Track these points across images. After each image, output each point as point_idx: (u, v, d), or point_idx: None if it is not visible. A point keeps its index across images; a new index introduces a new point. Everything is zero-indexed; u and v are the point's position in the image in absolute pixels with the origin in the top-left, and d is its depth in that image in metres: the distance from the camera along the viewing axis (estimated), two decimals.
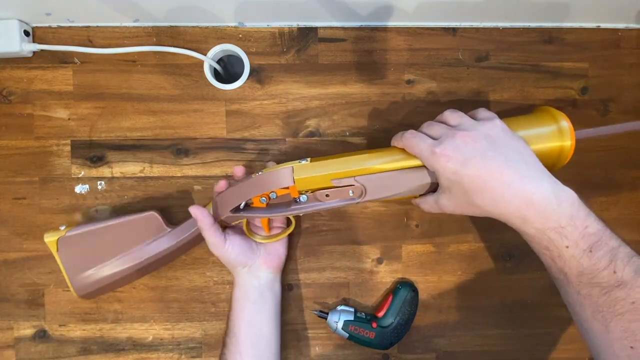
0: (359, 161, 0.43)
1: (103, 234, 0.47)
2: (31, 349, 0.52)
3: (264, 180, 0.43)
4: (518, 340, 0.55)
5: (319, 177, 0.43)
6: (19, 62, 0.51)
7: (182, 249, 0.49)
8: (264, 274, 0.49)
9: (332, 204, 0.44)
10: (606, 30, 0.54)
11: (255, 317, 0.48)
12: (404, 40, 0.53)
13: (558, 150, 0.42)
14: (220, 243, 0.46)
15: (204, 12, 0.49)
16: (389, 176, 0.42)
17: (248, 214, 0.45)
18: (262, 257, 0.49)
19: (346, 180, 0.42)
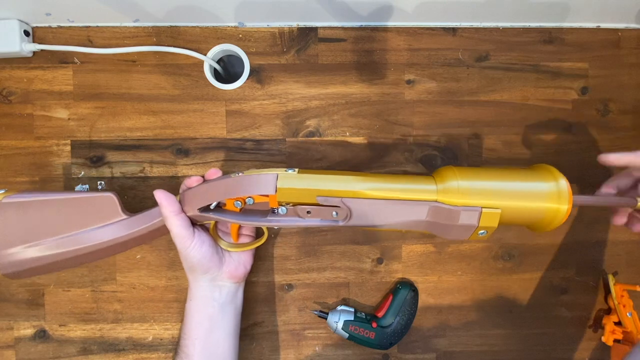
0: (351, 182, 0.39)
1: (46, 207, 0.41)
2: (31, 349, 0.52)
3: (244, 182, 0.40)
4: (518, 340, 0.55)
5: (304, 190, 0.39)
6: (19, 62, 0.51)
7: (136, 240, 0.43)
8: (226, 284, 0.45)
9: (312, 222, 0.40)
10: (606, 30, 0.54)
11: (213, 335, 0.43)
12: (404, 40, 0.53)
13: (553, 211, 0.39)
14: (186, 236, 0.41)
15: (204, 12, 0.49)
16: (382, 204, 0.39)
17: (218, 216, 0.41)
18: (226, 266, 0.45)
19: (332, 199, 0.39)
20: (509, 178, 0.40)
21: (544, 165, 0.42)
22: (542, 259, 0.55)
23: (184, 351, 0.43)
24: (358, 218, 0.39)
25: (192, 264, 0.43)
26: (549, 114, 0.54)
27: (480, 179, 0.39)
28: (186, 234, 0.41)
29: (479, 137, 0.54)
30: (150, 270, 0.52)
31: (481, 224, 0.38)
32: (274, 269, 0.53)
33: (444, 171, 0.41)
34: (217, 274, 0.44)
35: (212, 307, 0.44)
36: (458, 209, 0.38)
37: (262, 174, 0.39)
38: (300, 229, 0.52)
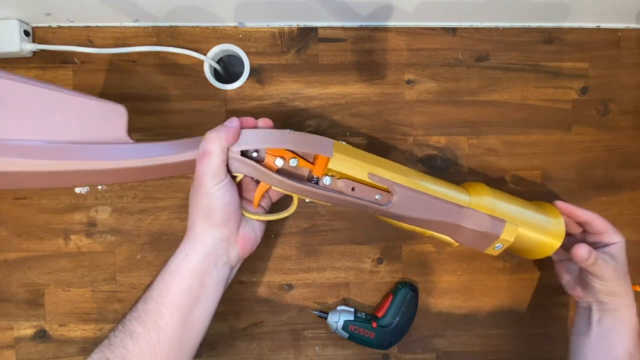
0: (402, 169, 0.41)
1: (35, 99, 0.33)
2: (31, 349, 0.52)
3: (302, 137, 0.37)
4: (518, 340, 0.55)
5: (359, 163, 0.38)
6: (19, 62, 0.51)
7: (136, 173, 0.36)
8: (234, 253, 0.39)
9: (353, 200, 0.39)
10: (606, 30, 0.54)
11: (197, 310, 0.36)
12: (404, 40, 0.53)
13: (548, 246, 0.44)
14: (222, 171, 0.36)
15: (204, 12, 0.49)
16: (425, 199, 0.40)
17: (259, 167, 0.37)
18: (243, 228, 0.39)
19: (384, 180, 0.39)
20: (526, 207, 0.45)
21: (547, 204, 0.47)
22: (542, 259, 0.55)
23: (152, 319, 0.35)
24: (399, 206, 0.39)
25: (216, 207, 0.36)
26: (549, 114, 0.54)
27: (506, 201, 0.44)
28: (223, 169, 0.36)
29: (479, 137, 0.54)
30: (150, 270, 0.52)
31: (502, 235, 0.42)
32: (274, 269, 0.53)
33: (477, 186, 0.44)
34: (233, 234, 0.38)
35: (210, 275, 0.37)
36: (488, 217, 0.41)
37: (321, 136, 0.38)
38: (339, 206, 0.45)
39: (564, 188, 0.54)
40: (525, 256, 0.48)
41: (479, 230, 0.41)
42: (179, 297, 0.36)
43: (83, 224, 0.51)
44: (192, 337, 0.37)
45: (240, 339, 0.53)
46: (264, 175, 0.38)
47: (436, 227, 0.43)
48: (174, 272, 0.37)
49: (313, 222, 0.53)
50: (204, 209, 0.37)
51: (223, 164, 0.36)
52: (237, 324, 0.53)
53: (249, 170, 0.38)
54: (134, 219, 0.52)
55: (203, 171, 0.36)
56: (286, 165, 0.38)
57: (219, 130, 0.36)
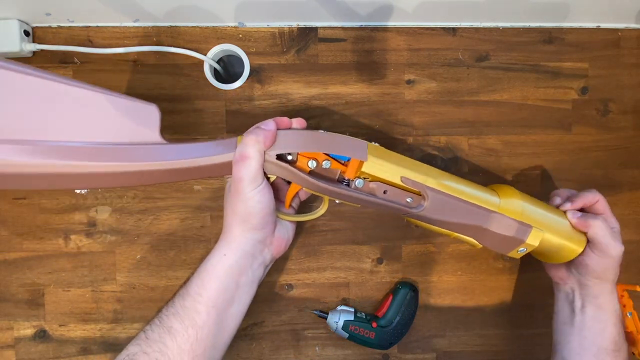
0: (434, 172, 0.40)
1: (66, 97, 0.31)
2: (31, 349, 0.52)
3: (337, 140, 0.37)
4: (518, 340, 0.55)
5: (392, 167, 0.38)
6: None
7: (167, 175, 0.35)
8: (269, 254, 0.40)
9: (384, 202, 0.39)
10: (606, 30, 0.54)
11: (231, 309, 0.37)
12: (404, 40, 0.53)
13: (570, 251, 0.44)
14: (259, 175, 0.36)
15: (204, 12, 0.49)
16: (456, 202, 0.40)
17: (293, 170, 0.37)
18: (278, 230, 0.41)
19: (417, 184, 0.38)
20: (551, 212, 0.44)
21: None
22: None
23: (189, 316, 0.35)
24: (430, 210, 0.39)
25: (254, 210, 0.36)
26: (549, 114, 0.54)
27: (535, 205, 0.44)
28: (261, 173, 0.36)
29: (479, 137, 0.54)
30: (150, 270, 0.52)
31: (528, 240, 0.42)
32: (274, 269, 0.53)
33: (506, 189, 0.44)
34: (269, 236, 0.39)
35: (246, 275, 0.38)
36: (516, 222, 0.41)
37: (355, 139, 0.38)
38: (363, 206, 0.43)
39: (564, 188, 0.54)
40: (545, 260, 0.48)
41: (505, 234, 0.42)
42: (215, 296, 0.36)
43: (83, 224, 0.51)
44: (226, 335, 0.38)
45: (240, 339, 0.53)
46: (296, 177, 0.38)
47: (463, 230, 0.42)
48: (211, 271, 0.37)
49: (313, 222, 0.53)
50: (241, 213, 0.37)
51: (261, 168, 0.36)
52: None
53: (282, 172, 0.38)
54: (134, 219, 0.52)
55: (240, 175, 0.35)
56: (319, 167, 0.38)
57: (257, 134, 0.36)
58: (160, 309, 0.37)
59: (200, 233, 0.52)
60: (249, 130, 0.37)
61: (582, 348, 0.44)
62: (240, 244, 0.38)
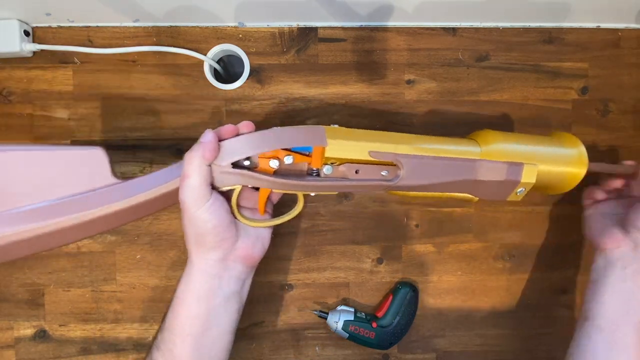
0: (403, 138, 0.38)
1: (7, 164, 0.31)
2: (31, 349, 0.52)
3: (290, 133, 0.35)
4: (518, 340, 0.55)
5: (357, 144, 0.36)
6: (19, 62, 0.51)
7: (131, 212, 0.35)
8: (238, 266, 0.38)
9: (359, 183, 0.37)
10: (606, 30, 0.54)
11: (209, 333, 0.36)
12: (404, 40, 0.53)
13: (573, 175, 0.42)
14: (205, 193, 0.34)
15: (204, 12, 0.49)
16: (433, 162, 0.38)
17: (254, 175, 0.35)
18: (241, 241, 0.37)
19: (386, 155, 0.36)
20: (540, 143, 0.42)
21: (564, 134, 0.45)
22: (542, 259, 0.55)
23: (168, 348, 0.35)
24: (408, 177, 0.37)
25: (204, 231, 0.35)
26: (549, 114, 0.54)
27: (520, 142, 0.42)
28: (206, 189, 0.34)
29: None
30: (150, 270, 0.52)
31: (523, 179, 0.40)
32: (274, 269, 0.53)
33: (486, 134, 0.42)
34: (230, 251, 0.37)
35: (216, 297, 0.36)
36: (504, 164, 0.39)
37: (309, 126, 0.36)
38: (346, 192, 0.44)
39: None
40: (552, 192, 0.45)
41: (498, 179, 0.39)
42: (188, 325, 0.36)
43: None
44: (212, 357, 0.37)
45: (240, 339, 0.53)
46: (261, 181, 0.36)
47: (452, 188, 0.40)
48: (179, 301, 0.36)
49: (313, 222, 0.53)
50: (193, 235, 0.36)
51: (204, 184, 0.34)
52: None
53: (243, 180, 0.36)
54: None
55: (182, 197, 0.34)
56: (282, 165, 0.36)
57: (194, 149, 0.34)
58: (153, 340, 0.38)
59: None
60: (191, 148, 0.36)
61: (626, 314, 0.41)
62: (200, 269, 0.36)
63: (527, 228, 0.54)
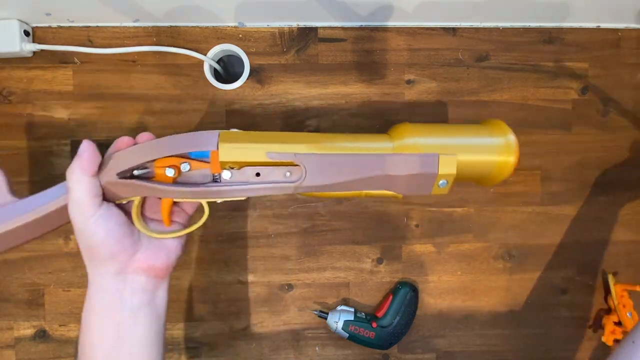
0: (304, 137, 0.37)
1: None
2: (31, 349, 0.52)
3: (179, 138, 0.34)
4: (518, 340, 0.55)
5: (252, 146, 0.35)
6: (19, 62, 0.51)
7: (27, 230, 0.34)
8: (139, 278, 0.35)
9: (262, 186, 0.36)
10: (606, 30, 0.54)
11: (122, 349, 0.34)
12: (404, 40, 0.53)
13: (502, 164, 0.40)
14: (90, 204, 0.32)
15: (204, 12, 0.49)
16: (337, 159, 0.36)
17: (146, 185, 0.34)
18: (141, 253, 0.35)
19: (285, 155, 0.35)
20: (462, 133, 0.40)
21: (494, 121, 0.42)
22: (542, 259, 0.55)
23: None
24: (313, 176, 0.36)
25: (93, 244, 0.33)
26: (549, 114, 0.54)
27: (436, 134, 0.39)
28: (90, 201, 0.33)
29: None
30: None
31: (440, 171, 0.37)
32: (274, 269, 0.53)
33: (399, 128, 0.40)
34: (127, 264, 0.34)
35: (120, 311, 0.34)
36: (417, 157, 0.37)
37: (202, 131, 0.35)
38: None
39: (564, 188, 0.55)
40: (485, 184, 0.43)
41: (412, 173, 0.37)
42: (98, 344, 0.34)
43: None
44: None
45: (240, 339, 0.53)
46: (159, 191, 0.35)
47: (365, 185, 0.38)
48: (84, 320, 0.35)
49: (313, 222, 0.53)
50: (85, 249, 0.34)
51: (87, 197, 0.33)
52: (237, 324, 0.53)
53: (140, 191, 0.35)
54: None
55: (70, 210, 0.33)
56: (178, 173, 0.35)
57: (73, 162, 0.33)
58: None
59: (200, 233, 0.52)
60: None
61: None
62: (97, 284, 0.35)
63: (527, 228, 0.54)
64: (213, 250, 0.52)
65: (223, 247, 0.52)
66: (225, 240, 0.52)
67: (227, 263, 0.52)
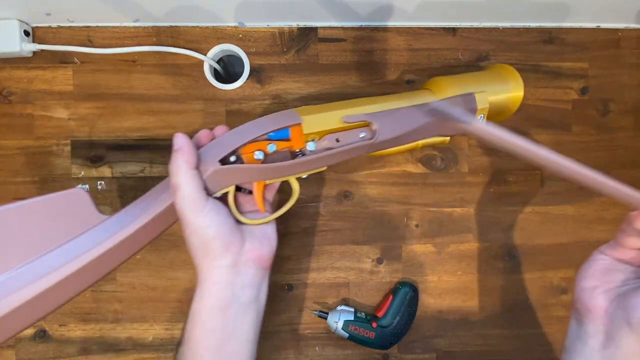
0: (367, 100, 0.42)
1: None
2: (31, 349, 0.52)
3: (265, 120, 0.37)
4: (518, 340, 0.55)
5: (329, 114, 0.39)
6: (19, 62, 0.51)
7: (132, 243, 0.34)
8: (251, 270, 0.36)
9: (343, 149, 0.39)
10: (606, 30, 0.54)
11: (228, 346, 0.35)
12: (404, 40, 0.53)
13: (515, 99, 0.46)
14: (199, 198, 0.33)
15: (204, 12, 0.49)
16: (401, 113, 0.41)
17: (244, 167, 0.36)
18: (249, 242, 0.36)
19: (359, 116, 0.39)
20: (484, 80, 0.46)
21: (502, 65, 0.49)
22: (542, 259, 0.55)
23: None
24: (384, 132, 0.40)
25: (208, 238, 0.33)
26: (549, 114, 0.54)
27: (467, 83, 0.45)
28: (199, 195, 0.33)
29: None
30: (150, 270, 0.52)
31: (478, 105, 0.43)
32: (274, 269, 0.53)
33: (437, 83, 0.45)
34: (240, 254, 0.35)
35: (231, 307, 0.35)
36: (459, 97, 0.43)
37: (277, 112, 0.38)
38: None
39: (564, 188, 0.55)
40: (501, 118, 0.49)
41: (456, 112, 0.42)
42: (205, 340, 0.35)
43: None
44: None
45: None
46: (254, 173, 0.37)
47: (423, 133, 0.43)
48: (194, 317, 0.35)
49: (313, 222, 0.53)
50: (199, 246, 0.34)
51: (196, 190, 0.33)
52: None
53: (236, 176, 0.36)
54: None
55: (180, 208, 0.33)
56: (266, 154, 0.37)
57: (174, 158, 0.33)
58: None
59: None
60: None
61: None
62: (212, 280, 0.35)
63: (527, 228, 0.54)
64: None
65: None
66: None
67: None
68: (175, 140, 0.34)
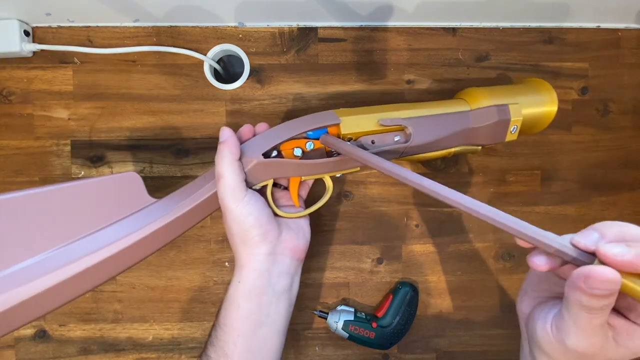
0: (406, 105, 0.43)
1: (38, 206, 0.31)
2: (31, 349, 0.52)
3: (306, 119, 0.39)
4: (518, 340, 0.55)
5: (366, 117, 0.40)
6: (19, 62, 0.51)
7: (176, 227, 0.36)
8: (287, 259, 0.38)
9: (379, 149, 0.40)
10: (606, 30, 0.54)
11: (260, 332, 0.36)
12: (404, 40, 0.53)
13: (548, 113, 0.47)
14: (241, 188, 0.35)
15: (204, 12, 0.49)
16: (436, 119, 0.42)
17: (284, 161, 0.38)
18: (285, 233, 0.39)
19: (395, 120, 0.41)
20: (519, 92, 0.47)
21: (537, 79, 0.49)
22: None
23: (220, 346, 0.36)
24: (418, 136, 0.41)
25: (247, 226, 0.36)
26: None
27: (502, 95, 0.46)
28: (241, 184, 0.35)
29: None
30: (150, 270, 0.52)
31: (512, 117, 0.44)
32: None
33: (472, 93, 0.46)
34: (277, 244, 0.37)
35: (266, 294, 0.36)
36: (493, 107, 0.44)
37: (317, 112, 0.40)
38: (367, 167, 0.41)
39: (564, 188, 0.55)
40: (533, 131, 0.49)
41: (491, 122, 0.44)
42: (239, 324, 0.36)
43: None
44: (264, 357, 0.37)
45: None
46: (293, 168, 0.39)
47: (456, 140, 0.44)
48: (230, 301, 0.37)
49: (313, 222, 0.53)
50: (238, 233, 0.36)
51: (238, 180, 0.36)
52: None
53: (276, 170, 0.39)
54: None
55: (221, 197, 0.36)
56: (304, 151, 0.40)
57: (220, 149, 0.36)
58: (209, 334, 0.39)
59: (200, 233, 0.52)
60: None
61: None
62: (250, 266, 0.37)
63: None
64: (213, 250, 0.52)
65: (223, 247, 0.52)
66: (225, 240, 0.52)
67: (227, 263, 0.52)
68: (222, 133, 0.37)
